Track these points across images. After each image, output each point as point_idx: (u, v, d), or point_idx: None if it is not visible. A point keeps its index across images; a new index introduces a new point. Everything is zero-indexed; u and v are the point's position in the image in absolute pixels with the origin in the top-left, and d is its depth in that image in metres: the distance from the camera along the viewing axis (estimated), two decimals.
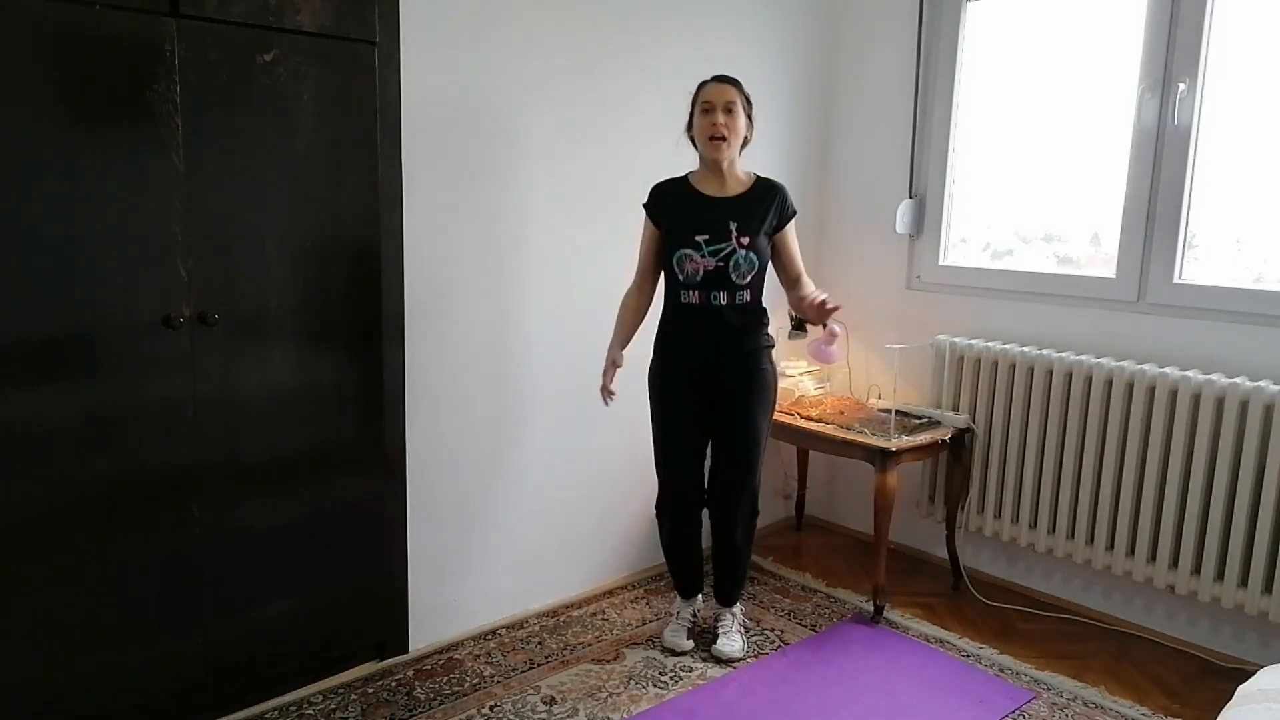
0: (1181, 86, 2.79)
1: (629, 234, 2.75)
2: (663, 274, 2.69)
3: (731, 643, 2.78)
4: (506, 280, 2.82)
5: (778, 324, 3.45)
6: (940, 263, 3.45)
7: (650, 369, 2.75)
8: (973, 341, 3.24)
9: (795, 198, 3.58)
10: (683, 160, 2.70)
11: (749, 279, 2.60)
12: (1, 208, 1.89)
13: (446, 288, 2.67)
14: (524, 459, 2.95)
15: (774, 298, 2.81)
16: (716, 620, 2.87)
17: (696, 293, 2.59)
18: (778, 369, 3.45)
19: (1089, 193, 3.10)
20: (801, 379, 3.50)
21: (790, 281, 2.75)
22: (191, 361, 2.17)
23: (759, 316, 2.68)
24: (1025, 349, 3.09)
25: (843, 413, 3.28)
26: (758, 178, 2.67)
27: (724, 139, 2.56)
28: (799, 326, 3.36)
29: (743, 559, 2.83)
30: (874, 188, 3.56)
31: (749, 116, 2.62)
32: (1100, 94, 3.03)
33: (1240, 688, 1.74)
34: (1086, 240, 3.17)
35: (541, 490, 3.01)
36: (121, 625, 2.16)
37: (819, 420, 3.20)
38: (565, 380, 3.01)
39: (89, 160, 1.98)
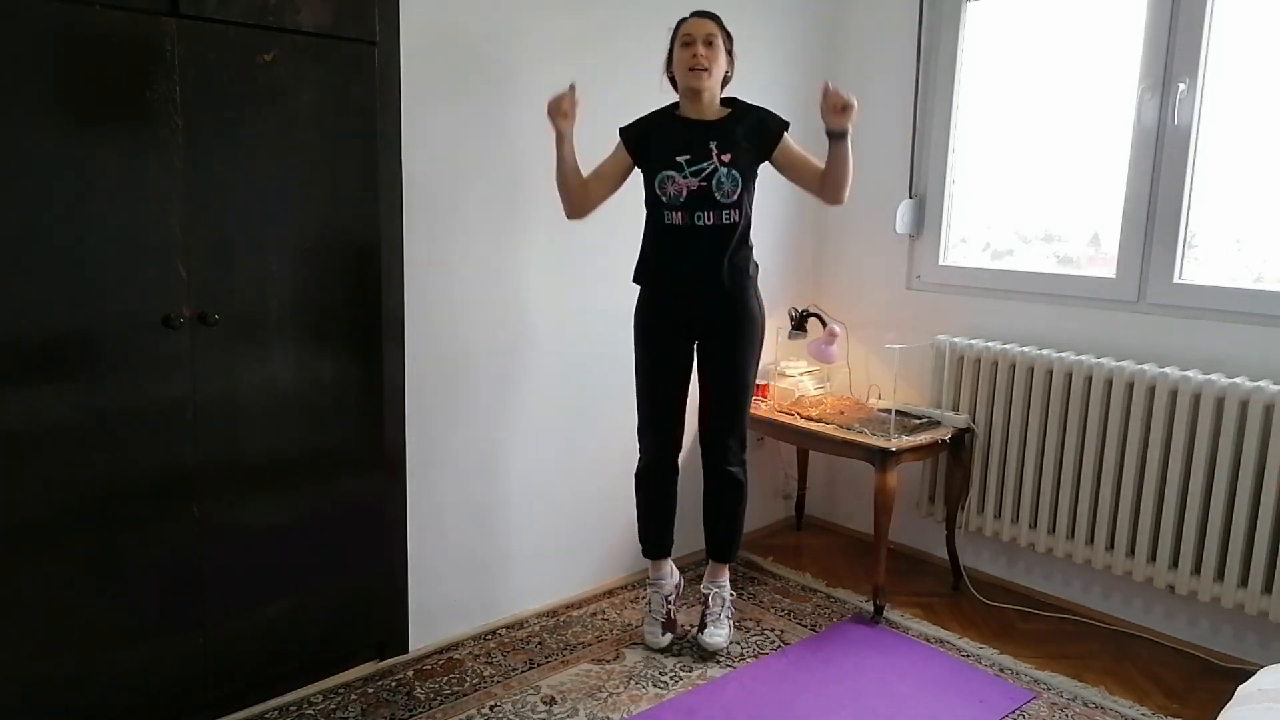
0: (1181, 86, 2.79)
1: (632, 232, 2.74)
2: (645, 202, 2.66)
3: (718, 632, 2.76)
4: (507, 280, 2.82)
5: (776, 324, 3.46)
6: (940, 263, 3.45)
7: (636, 308, 2.73)
8: (973, 341, 3.25)
9: (796, 198, 3.60)
10: None
11: (735, 197, 2.56)
12: (1, 208, 1.89)
13: (447, 287, 2.67)
14: (524, 459, 2.95)
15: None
16: (705, 605, 2.83)
17: (680, 213, 2.56)
18: (778, 368, 3.48)
19: (1089, 193, 3.10)
20: (801, 379, 3.50)
21: (817, 177, 2.63)
22: (191, 361, 2.17)
23: (745, 239, 2.65)
24: (1025, 349, 3.09)
25: (843, 413, 3.28)
26: (735, 102, 2.65)
27: (705, 69, 2.53)
28: (799, 326, 3.37)
29: (738, 505, 2.81)
30: (874, 188, 3.55)
31: (729, 53, 2.61)
32: (1100, 94, 3.03)
33: (1240, 688, 1.74)
34: (1086, 240, 3.17)
35: (541, 490, 3.01)
36: (121, 625, 2.16)
37: (819, 420, 3.20)
38: (566, 380, 3.01)
39: (89, 160, 1.98)
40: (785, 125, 2.66)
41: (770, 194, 2.97)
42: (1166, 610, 2.92)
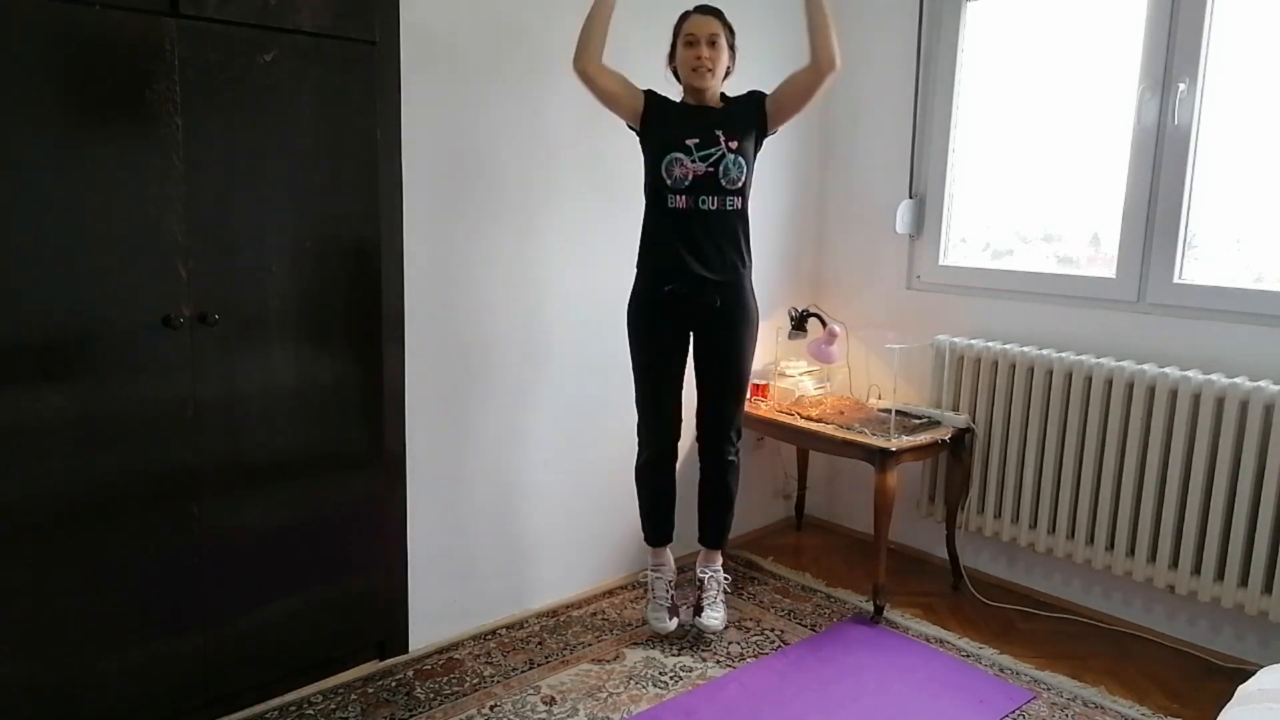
0: (1181, 86, 2.79)
1: (634, 230, 2.74)
2: (645, 187, 2.67)
3: (715, 614, 2.83)
4: (507, 279, 2.82)
5: (776, 324, 3.46)
6: (940, 263, 3.45)
7: (631, 297, 2.73)
8: (973, 341, 3.24)
9: (796, 198, 3.62)
10: None
11: (739, 184, 2.60)
12: (1, 207, 1.89)
13: (447, 287, 2.67)
14: (524, 458, 2.95)
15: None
16: (700, 589, 2.88)
17: (684, 197, 2.58)
18: (778, 368, 3.48)
19: (1089, 193, 3.10)
20: (801, 379, 3.50)
21: (805, 68, 2.58)
22: (191, 361, 2.17)
23: (745, 226, 2.67)
24: (1025, 349, 3.09)
25: (843, 413, 3.28)
26: (729, 96, 2.68)
27: (709, 70, 2.56)
28: (799, 326, 3.37)
29: (733, 490, 2.87)
30: (874, 188, 3.56)
31: (731, 47, 2.63)
32: (1100, 94, 3.03)
33: (1240, 688, 1.74)
34: (1086, 240, 3.17)
35: (541, 490, 3.01)
36: (121, 625, 2.16)
37: (819, 420, 3.20)
38: (567, 379, 3.01)
39: (89, 160, 1.98)
40: (761, 92, 2.67)
41: (771, 194, 2.97)
42: (1166, 610, 2.92)
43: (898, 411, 3.20)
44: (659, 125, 2.61)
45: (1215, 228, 2.84)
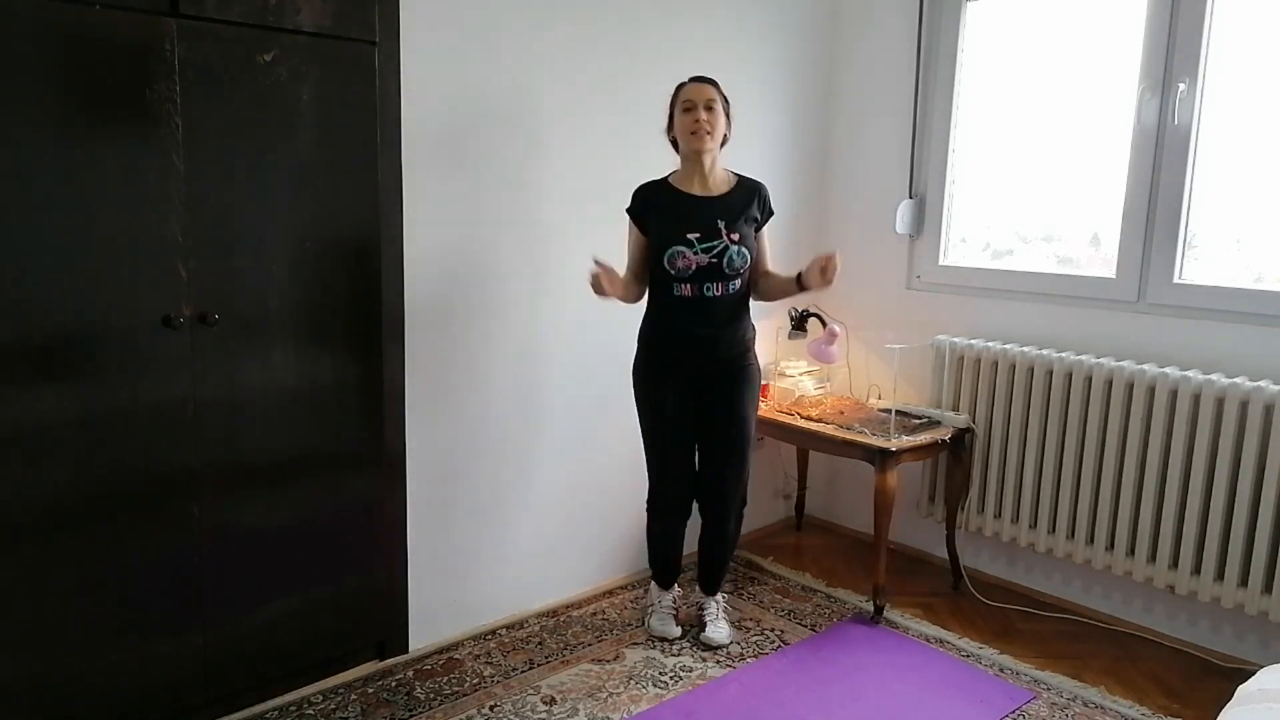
0: (1181, 86, 2.79)
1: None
2: (650, 270, 2.69)
3: (719, 629, 2.85)
4: (508, 279, 2.82)
5: (776, 324, 3.46)
6: (940, 263, 3.45)
7: (636, 366, 2.76)
8: (973, 341, 3.24)
9: (796, 198, 3.62)
10: None
11: (742, 270, 2.65)
12: (1, 207, 1.89)
13: (447, 287, 2.67)
14: (524, 458, 2.95)
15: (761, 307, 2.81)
16: (701, 609, 2.90)
17: (689, 286, 2.61)
18: (778, 368, 3.48)
19: (1089, 193, 3.10)
20: (801, 379, 3.50)
21: (761, 274, 2.79)
22: (191, 361, 2.17)
23: (747, 303, 2.74)
24: (1025, 349, 3.09)
25: (843, 413, 3.28)
26: (739, 177, 2.73)
27: (708, 133, 2.60)
28: (799, 326, 3.37)
29: (731, 549, 2.90)
30: (874, 188, 3.56)
31: (727, 115, 2.67)
32: (1100, 94, 3.03)
33: (1240, 688, 1.74)
34: (1086, 240, 3.17)
35: (542, 490, 3.01)
36: (121, 625, 2.16)
37: (819, 420, 3.20)
38: (568, 380, 3.01)
39: (89, 160, 1.98)
40: (773, 213, 2.78)
41: (771, 194, 2.96)
42: (1166, 610, 2.92)
43: (898, 411, 3.20)
44: (658, 221, 2.65)
45: (1215, 228, 2.84)
